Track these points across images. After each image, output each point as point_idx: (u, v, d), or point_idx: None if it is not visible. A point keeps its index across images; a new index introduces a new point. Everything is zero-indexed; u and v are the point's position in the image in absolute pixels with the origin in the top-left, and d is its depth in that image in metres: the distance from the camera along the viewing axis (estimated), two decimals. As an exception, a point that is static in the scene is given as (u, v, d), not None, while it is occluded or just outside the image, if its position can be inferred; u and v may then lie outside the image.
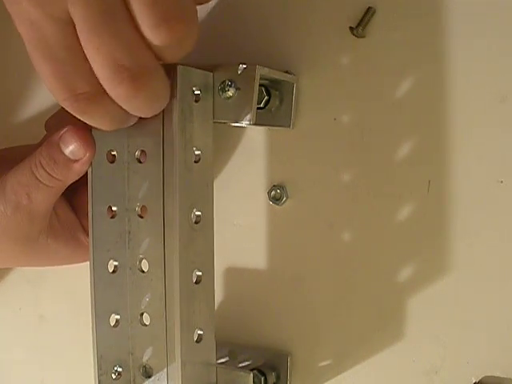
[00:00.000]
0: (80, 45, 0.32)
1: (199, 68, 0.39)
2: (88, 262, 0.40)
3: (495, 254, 0.39)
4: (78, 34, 0.32)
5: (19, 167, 0.41)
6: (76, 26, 0.32)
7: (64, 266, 0.47)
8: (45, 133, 0.45)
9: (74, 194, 0.44)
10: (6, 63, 0.54)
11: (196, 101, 0.39)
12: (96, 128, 0.37)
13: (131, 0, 0.31)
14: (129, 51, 0.32)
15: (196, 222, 0.39)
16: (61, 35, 0.32)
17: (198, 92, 0.39)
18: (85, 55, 0.32)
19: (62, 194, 0.42)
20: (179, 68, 0.38)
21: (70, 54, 0.33)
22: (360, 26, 0.41)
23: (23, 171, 0.40)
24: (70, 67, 0.33)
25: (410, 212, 0.41)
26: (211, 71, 0.39)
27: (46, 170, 0.40)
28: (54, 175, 0.40)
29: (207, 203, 0.40)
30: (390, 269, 0.41)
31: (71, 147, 0.39)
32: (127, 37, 0.32)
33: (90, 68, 0.33)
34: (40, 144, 0.41)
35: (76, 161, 0.39)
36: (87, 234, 0.44)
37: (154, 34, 0.32)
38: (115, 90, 0.33)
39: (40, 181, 0.40)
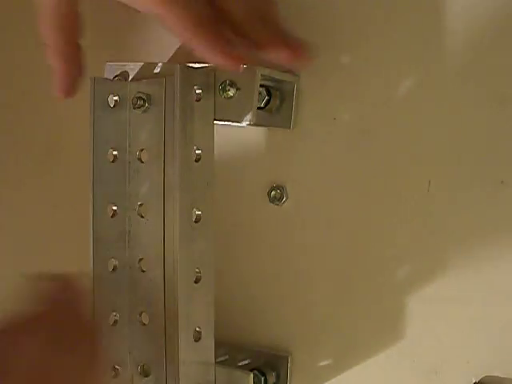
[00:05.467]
0: None
1: (201, 67, 0.39)
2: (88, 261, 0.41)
3: (495, 254, 0.39)
4: None
5: None
6: None
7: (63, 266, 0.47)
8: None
9: None
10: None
11: (197, 100, 0.39)
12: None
13: None
14: None
15: (196, 221, 0.39)
16: None
17: (200, 91, 0.39)
18: None
19: None
20: (180, 67, 0.38)
21: None
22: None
23: None
24: None
25: (409, 212, 0.41)
26: (213, 71, 0.40)
27: None
28: None
29: (207, 202, 0.40)
30: (389, 269, 0.41)
31: None
32: None
33: None
34: None
35: None
36: None
37: None
38: None
39: None
